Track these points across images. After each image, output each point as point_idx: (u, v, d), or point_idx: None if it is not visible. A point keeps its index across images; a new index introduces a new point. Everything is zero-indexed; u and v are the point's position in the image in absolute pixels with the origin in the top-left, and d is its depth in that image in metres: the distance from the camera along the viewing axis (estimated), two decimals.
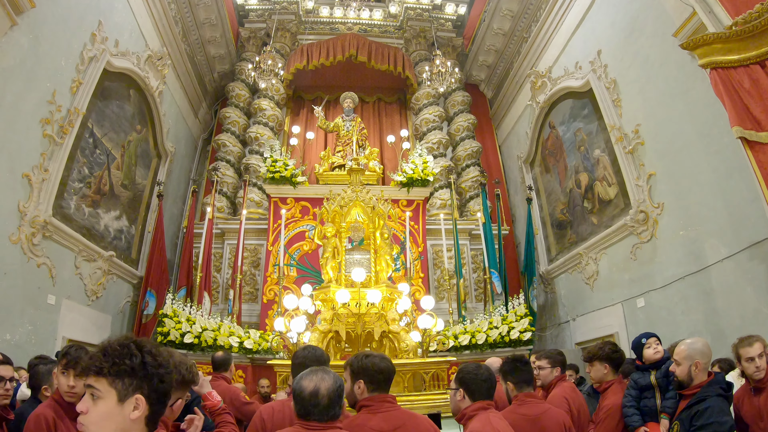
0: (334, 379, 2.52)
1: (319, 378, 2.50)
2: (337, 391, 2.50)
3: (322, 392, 2.45)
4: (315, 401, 2.44)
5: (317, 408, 2.44)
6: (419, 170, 10.85)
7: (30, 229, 6.29)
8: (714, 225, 6.08)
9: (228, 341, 8.20)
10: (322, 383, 2.48)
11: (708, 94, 5.67)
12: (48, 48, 6.54)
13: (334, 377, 2.55)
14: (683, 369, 3.60)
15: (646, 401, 4.15)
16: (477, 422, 2.93)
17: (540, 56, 10.84)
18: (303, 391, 2.47)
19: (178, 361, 2.61)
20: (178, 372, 2.54)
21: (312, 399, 2.44)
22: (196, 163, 12.96)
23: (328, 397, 2.45)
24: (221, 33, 12.16)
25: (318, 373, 2.53)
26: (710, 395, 3.43)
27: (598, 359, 4.37)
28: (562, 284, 10.11)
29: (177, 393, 2.56)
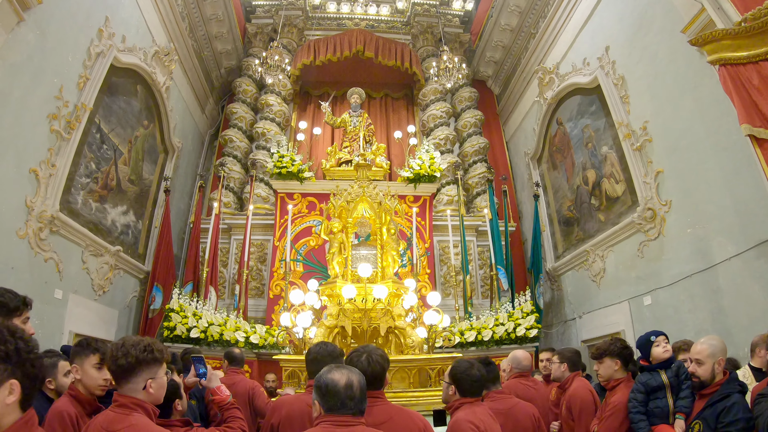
0: (360, 374, 2.55)
1: (348, 371, 2.51)
2: (365, 385, 2.53)
3: (355, 385, 2.45)
4: (350, 393, 2.43)
5: (353, 401, 2.43)
6: (426, 166, 10.83)
7: (37, 224, 6.32)
8: (722, 223, 6.04)
9: (234, 336, 8.23)
10: (354, 376, 2.49)
11: (716, 91, 5.63)
12: (55, 44, 6.55)
13: (359, 372, 2.58)
14: (707, 368, 3.58)
15: (658, 402, 4.08)
16: (461, 412, 3.25)
17: (548, 52, 10.79)
18: (336, 384, 2.44)
19: (132, 343, 2.57)
20: (130, 354, 2.50)
21: (348, 391, 2.42)
22: (203, 158, 12.99)
23: (361, 390, 2.47)
24: (228, 29, 12.17)
25: (344, 368, 2.55)
26: (733, 392, 3.43)
27: (608, 355, 4.27)
28: (568, 281, 10.08)
29: (144, 374, 2.52)
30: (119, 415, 2.43)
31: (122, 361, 2.50)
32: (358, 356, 3.01)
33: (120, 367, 2.51)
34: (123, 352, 2.51)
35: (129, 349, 2.53)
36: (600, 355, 4.29)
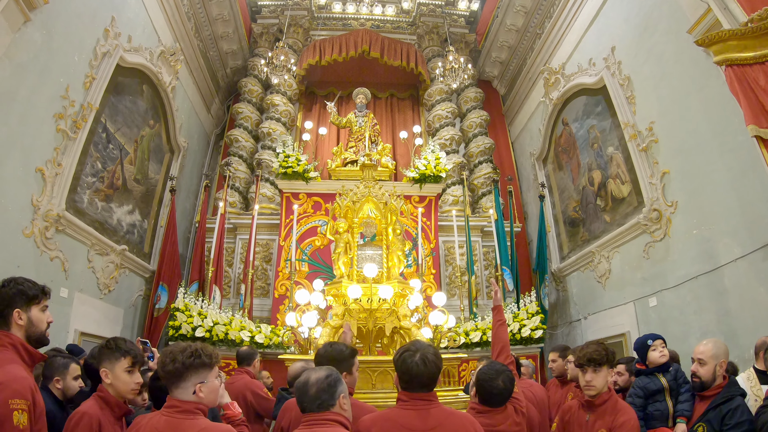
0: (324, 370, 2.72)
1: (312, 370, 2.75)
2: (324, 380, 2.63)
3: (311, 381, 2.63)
4: (304, 390, 2.61)
5: (305, 397, 2.61)
6: (432, 166, 10.83)
7: (43, 223, 6.34)
8: (728, 224, 6.02)
9: (239, 335, 8.24)
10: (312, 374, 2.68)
11: (723, 91, 5.61)
12: (61, 43, 6.57)
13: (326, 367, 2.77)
14: (709, 369, 3.63)
15: (657, 405, 4.09)
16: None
17: (553, 53, 10.77)
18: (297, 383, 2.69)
19: (180, 348, 2.63)
20: (177, 360, 2.58)
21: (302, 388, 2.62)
22: (209, 158, 13.00)
23: (317, 386, 2.60)
24: (234, 29, 12.18)
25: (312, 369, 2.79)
26: (736, 394, 3.50)
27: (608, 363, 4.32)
28: (573, 282, 10.05)
29: (193, 378, 2.58)
30: (181, 420, 2.50)
31: (170, 367, 2.58)
32: (411, 356, 2.91)
33: (168, 373, 2.58)
34: (171, 358, 2.59)
35: (176, 355, 2.60)
36: (599, 362, 3.52)
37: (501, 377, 3.32)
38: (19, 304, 2.79)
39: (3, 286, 2.82)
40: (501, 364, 3.57)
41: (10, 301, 2.78)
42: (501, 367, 3.41)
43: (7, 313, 2.76)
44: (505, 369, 3.42)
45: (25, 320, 2.79)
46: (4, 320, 2.76)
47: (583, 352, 3.58)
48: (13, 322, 2.76)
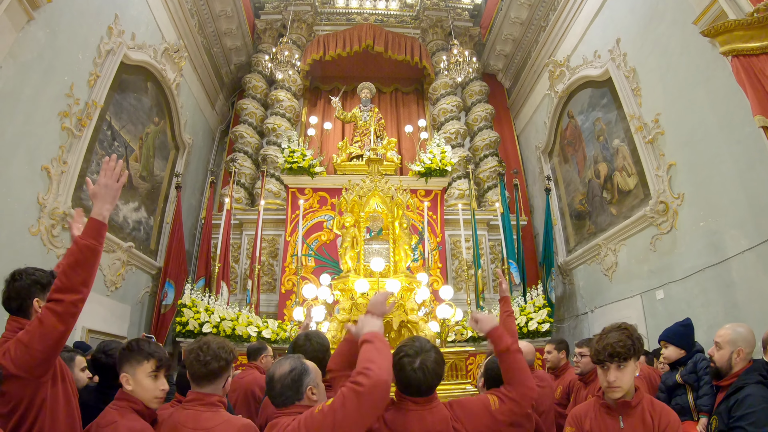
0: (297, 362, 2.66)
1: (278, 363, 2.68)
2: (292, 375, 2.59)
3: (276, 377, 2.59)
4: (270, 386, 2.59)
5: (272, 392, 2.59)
6: (437, 160, 10.81)
7: (49, 221, 6.36)
8: (735, 216, 5.98)
9: (246, 331, 8.26)
10: (277, 369, 2.62)
11: (729, 82, 5.58)
12: (65, 42, 6.59)
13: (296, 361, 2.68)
14: (723, 354, 3.42)
15: (678, 399, 4.05)
16: None
17: (558, 45, 10.72)
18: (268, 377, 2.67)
19: (218, 345, 2.78)
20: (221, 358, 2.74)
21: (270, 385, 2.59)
22: (214, 154, 13.03)
23: (282, 382, 2.57)
24: (237, 25, 12.18)
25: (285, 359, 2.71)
26: (750, 382, 3.15)
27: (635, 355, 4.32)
28: (580, 275, 10.03)
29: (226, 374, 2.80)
30: (205, 413, 2.60)
31: (214, 365, 2.68)
32: (411, 362, 2.69)
33: (212, 371, 2.68)
34: (213, 356, 2.69)
35: (219, 352, 2.70)
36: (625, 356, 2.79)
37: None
38: (37, 294, 2.86)
39: (16, 279, 2.87)
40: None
41: (28, 292, 2.84)
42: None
43: (27, 305, 2.83)
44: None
45: None
46: (24, 311, 2.83)
47: (603, 344, 2.81)
48: (33, 311, 2.82)
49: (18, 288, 2.85)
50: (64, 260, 2.73)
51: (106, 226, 2.73)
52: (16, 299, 2.84)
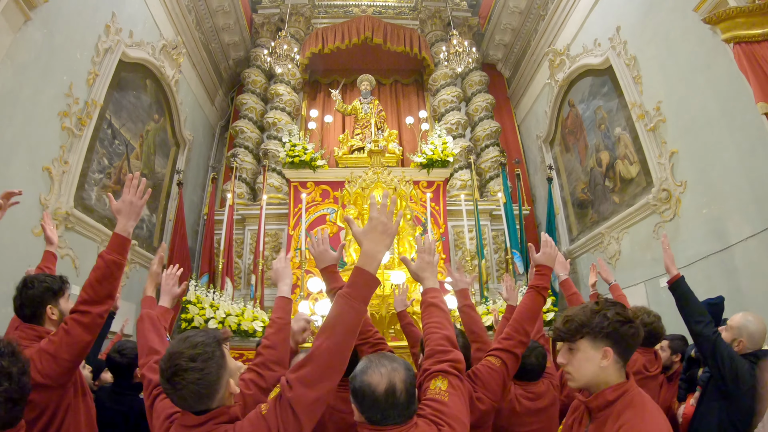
0: (405, 369, 2.06)
1: (389, 370, 2.02)
2: (412, 382, 2.06)
3: (398, 388, 1.98)
4: (393, 401, 1.97)
5: (396, 409, 1.98)
6: (439, 151, 10.79)
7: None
8: (737, 203, 5.97)
9: (252, 326, 8.26)
10: (396, 375, 2.01)
11: (731, 69, 5.55)
12: (63, 41, 6.57)
13: (404, 364, 2.09)
14: (727, 336, 3.51)
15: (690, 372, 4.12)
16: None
17: (558, 34, 10.67)
18: (375, 391, 1.97)
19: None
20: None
21: (389, 399, 1.96)
22: (215, 150, 13.02)
23: (407, 392, 2.00)
24: (235, 20, 12.14)
25: (383, 364, 2.05)
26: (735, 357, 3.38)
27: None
28: (583, 264, 10.02)
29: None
30: None
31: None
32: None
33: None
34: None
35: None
36: (571, 334, 2.27)
37: (534, 353, 3.33)
38: (49, 300, 2.98)
39: (28, 288, 2.96)
40: (533, 340, 3.42)
41: (41, 300, 2.95)
42: (533, 343, 3.36)
43: (40, 312, 2.94)
44: (537, 345, 3.41)
45: (57, 314, 2.98)
46: (37, 318, 2.94)
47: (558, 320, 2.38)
48: (46, 318, 2.95)
49: (31, 296, 2.94)
50: (91, 274, 2.83)
51: (130, 241, 2.88)
52: (30, 307, 2.94)
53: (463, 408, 2.10)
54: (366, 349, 2.79)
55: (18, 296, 2.97)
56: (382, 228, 2.26)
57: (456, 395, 2.12)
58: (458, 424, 2.03)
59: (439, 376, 2.18)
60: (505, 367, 2.78)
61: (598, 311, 2.19)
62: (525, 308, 3.03)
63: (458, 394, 2.14)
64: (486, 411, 2.67)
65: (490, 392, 2.70)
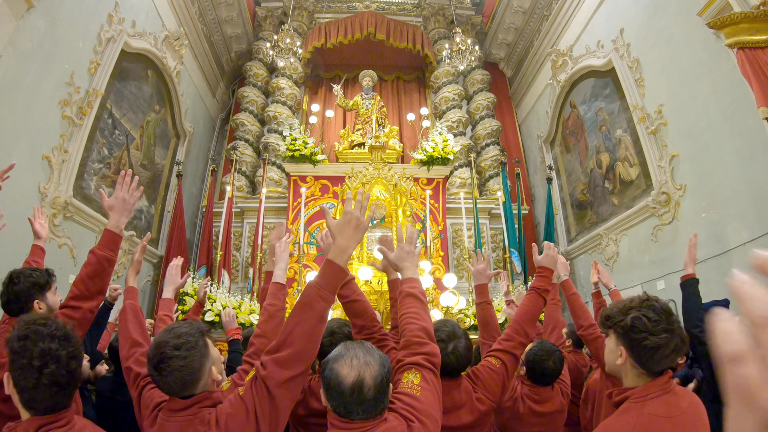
0: (379, 364, 1.95)
1: (361, 363, 1.92)
2: (383, 379, 1.93)
3: (367, 384, 1.88)
4: (360, 397, 1.87)
5: (362, 405, 1.88)
6: (439, 148, 10.79)
7: (51, 210, 6.36)
8: (737, 208, 5.98)
9: (249, 319, 8.27)
10: (367, 371, 1.90)
11: (733, 74, 5.57)
12: (65, 30, 6.56)
13: (380, 358, 1.98)
14: None
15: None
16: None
17: (561, 34, 10.67)
18: (340, 384, 1.89)
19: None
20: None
21: (355, 395, 1.87)
22: (215, 142, 13.01)
23: (376, 388, 1.89)
24: (238, 12, 12.12)
25: (356, 356, 1.95)
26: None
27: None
28: (581, 265, 10.04)
29: None
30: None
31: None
32: (444, 347, 2.61)
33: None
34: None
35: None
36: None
37: (552, 358, 3.30)
38: (36, 295, 2.94)
39: (14, 283, 2.94)
40: (551, 343, 3.45)
41: (28, 295, 2.92)
42: (551, 347, 3.36)
43: (28, 307, 2.90)
44: (555, 349, 3.38)
45: (45, 308, 2.94)
46: (25, 313, 2.86)
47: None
48: (34, 313, 2.88)
49: (17, 291, 2.92)
50: (83, 270, 2.85)
51: (122, 237, 2.91)
52: (17, 302, 2.91)
53: (435, 403, 2.05)
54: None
55: (4, 292, 2.95)
56: (355, 223, 2.28)
57: (429, 390, 2.08)
58: (430, 419, 1.97)
59: (413, 369, 2.14)
60: (504, 367, 2.78)
61: (628, 309, 2.14)
62: (525, 310, 3.04)
63: (431, 389, 2.09)
64: (485, 411, 2.68)
65: (489, 393, 2.70)
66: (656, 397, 2.02)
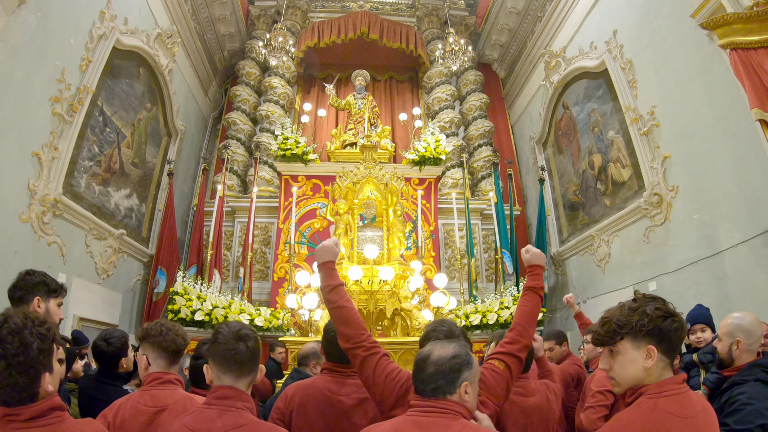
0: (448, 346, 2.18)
1: (441, 343, 2.20)
2: (447, 360, 2.12)
3: (433, 357, 2.14)
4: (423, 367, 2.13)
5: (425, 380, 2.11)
6: (431, 148, 10.80)
7: (40, 208, 6.30)
8: (729, 209, 6.00)
9: (239, 319, 8.22)
10: (436, 348, 2.17)
11: (726, 76, 5.59)
12: (56, 26, 6.50)
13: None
14: (724, 346, 3.24)
15: (690, 381, 4.07)
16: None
17: (554, 36, 10.68)
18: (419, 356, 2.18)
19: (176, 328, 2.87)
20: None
21: (423, 365, 2.13)
22: (207, 141, 12.95)
23: (437, 364, 2.11)
24: (231, 11, 12.07)
25: (443, 342, 2.23)
26: (748, 380, 2.92)
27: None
28: (573, 266, 10.05)
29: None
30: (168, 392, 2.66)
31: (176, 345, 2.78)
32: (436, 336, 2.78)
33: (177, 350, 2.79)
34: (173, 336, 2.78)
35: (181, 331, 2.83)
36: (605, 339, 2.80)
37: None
38: (41, 293, 3.02)
39: (27, 274, 3.07)
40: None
41: (33, 288, 3.01)
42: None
43: (27, 299, 2.97)
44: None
45: (43, 309, 2.99)
46: (23, 303, 2.97)
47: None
48: (32, 308, 2.94)
49: (27, 281, 3.03)
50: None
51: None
52: (22, 289, 3.01)
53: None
54: (360, 353, 2.74)
55: (17, 278, 3.07)
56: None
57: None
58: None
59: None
60: (509, 370, 2.73)
61: (637, 308, 2.09)
62: (525, 311, 2.96)
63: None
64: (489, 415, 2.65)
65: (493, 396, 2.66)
66: (671, 395, 1.97)
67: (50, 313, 3.04)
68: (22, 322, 1.81)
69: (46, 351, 1.84)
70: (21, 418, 1.78)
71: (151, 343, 2.74)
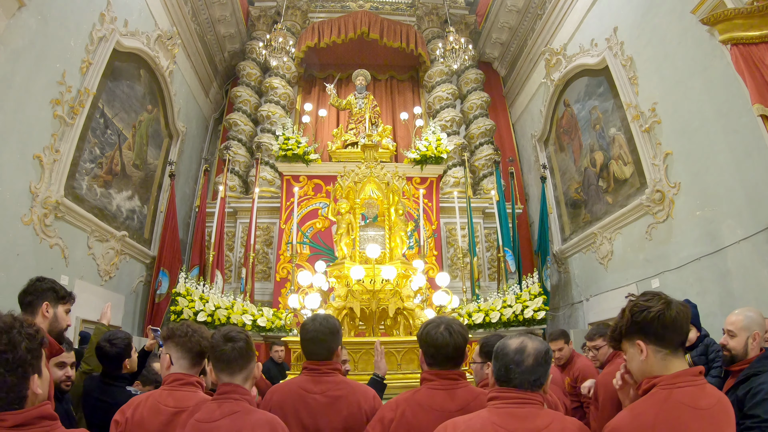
0: (538, 340, 2.20)
1: (525, 337, 2.20)
2: (543, 354, 2.16)
3: (528, 349, 2.13)
4: (519, 359, 2.11)
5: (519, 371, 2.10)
6: (433, 147, 10.79)
7: (42, 210, 6.30)
8: (731, 206, 5.99)
9: (241, 319, 8.23)
10: (528, 341, 2.17)
11: (727, 72, 5.57)
12: (57, 28, 6.50)
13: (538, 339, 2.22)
14: (740, 341, 3.26)
15: None
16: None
17: (555, 33, 10.66)
18: (506, 348, 2.16)
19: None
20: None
21: (517, 356, 2.12)
22: (208, 142, 12.95)
23: (536, 357, 2.12)
24: (231, 12, 12.07)
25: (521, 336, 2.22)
26: (764, 370, 2.98)
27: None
28: (575, 264, 10.04)
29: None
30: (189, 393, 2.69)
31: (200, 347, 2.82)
32: (435, 327, 2.67)
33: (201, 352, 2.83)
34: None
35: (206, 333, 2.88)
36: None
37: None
38: (50, 299, 3.06)
39: (38, 280, 3.11)
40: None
41: (42, 294, 3.05)
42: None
43: (36, 304, 3.01)
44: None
45: (51, 315, 3.04)
46: (31, 310, 3.00)
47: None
48: (40, 313, 3.00)
49: (36, 287, 3.07)
50: None
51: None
52: (31, 294, 3.05)
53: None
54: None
55: (27, 284, 3.11)
56: None
57: None
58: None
59: None
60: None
61: (623, 310, 2.21)
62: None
63: None
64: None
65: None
66: (685, 386, 2.00)
67: (58, 318, 3.08)
68: (10, 322, 1.79)
69: (34, 351, 1.80)
70: (5, 425, 1.72)
71: (176, 343, 2.78)
